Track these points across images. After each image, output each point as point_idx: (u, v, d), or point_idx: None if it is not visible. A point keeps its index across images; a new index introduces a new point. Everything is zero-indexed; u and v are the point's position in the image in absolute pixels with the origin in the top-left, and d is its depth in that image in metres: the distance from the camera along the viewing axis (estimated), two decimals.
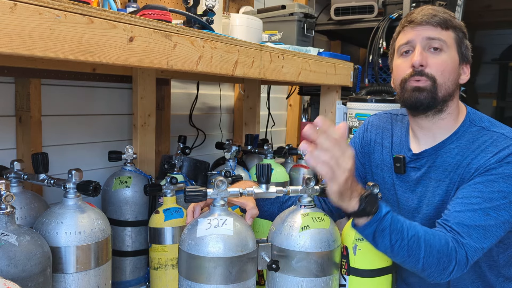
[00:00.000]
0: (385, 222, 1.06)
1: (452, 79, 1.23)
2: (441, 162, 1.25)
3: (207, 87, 2.51)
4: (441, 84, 1.21)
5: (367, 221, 1.06)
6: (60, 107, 1.73)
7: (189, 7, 1.38)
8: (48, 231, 1.10)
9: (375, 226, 1.06)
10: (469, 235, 1.11)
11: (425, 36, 1.22)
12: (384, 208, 1.07)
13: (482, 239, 1.11)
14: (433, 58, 1.22)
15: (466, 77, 1.27)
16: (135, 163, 1.64)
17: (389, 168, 1.36)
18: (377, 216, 1.06)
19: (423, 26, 1.22)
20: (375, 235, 1.07)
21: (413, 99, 1.23)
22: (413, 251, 1.07)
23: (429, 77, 1.21)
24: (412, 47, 1.24)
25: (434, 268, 1.08)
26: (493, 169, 1.15)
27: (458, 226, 1.12)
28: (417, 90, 1.22)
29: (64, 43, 0.84)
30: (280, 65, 1.55)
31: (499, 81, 5.68)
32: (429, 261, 1.08)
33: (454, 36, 1.23)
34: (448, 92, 1.22)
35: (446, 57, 1.22)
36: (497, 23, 5.33)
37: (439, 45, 1.21)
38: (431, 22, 1.21)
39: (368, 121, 1.49)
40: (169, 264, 1.45)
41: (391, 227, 1.06)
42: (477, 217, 1.12)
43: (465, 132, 1.25)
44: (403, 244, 1.07)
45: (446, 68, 1.21)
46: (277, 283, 1.14)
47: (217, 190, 1.09)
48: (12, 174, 1.26)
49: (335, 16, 2.81)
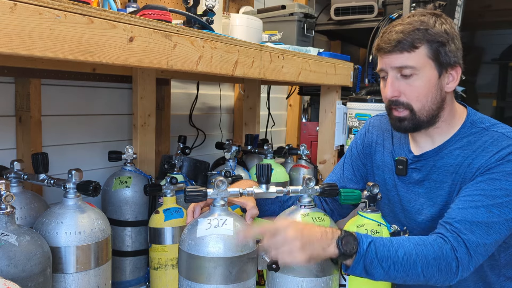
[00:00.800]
0: (370, 254, 1.05)
1: (432, 99, 1.21)
2: (442, 164, 1.25)
3: (207, 87, 2.51)
4: (420, 109, 1.21)
5: (353, 261, 1.05)
6: (60, 107, 1.73)
7: (189, 7, 1.38)
8: (48, 231, 1.10)
9: (362, 262, 1.05)
10: (471, 231, 1.10)
11: (393, 66, 1.20)
12: (365, 241, 1.06)
13: (485, 235, 1.10)
14: (405, 86, 1.21)
15: (455, 82, 1.24)
16: (135, 163, 1.64)
17: (390, 169, 1.36)
18: (360, 253, 1.05)
19: (390, 55, 1.20)
20: (366, 270, 1.06)
21: (397, 128, 1.27)
22: (410, 269, 1.07)
23: (405, 106, 1.22)
24: (386, 73, 1.24)
25: (437, 276, 1.08)
26: (494, 167, 1.15)
27: (460, 223, 1.11)
28: (398, 120, 1.24)
29: (64, 43, 0.84)
30: (280, 65, 1.55)
31: (499, 81, 5.68)
32: (429, 272, 1.08)
33: (427, 52, 1.18)
34: (431, 112, 1.22)
35: (419, 81, 1.19)
36: (497, 23, 5.32)
37: (409, 71, 1.19)
38: (395, 51, 1.19)
39: (369, 122, 1.50)
40: (169, 264, 1.45)
41: (378, 256, 1.06)
42: (479, 214, 1.11)
43: (465, 133, 1.25)
44: (397, 267, 1.06)
45: (420, 93, 1.20)
46: (277, 283, 1.14)
47: (217, 190, 1.09)
48: (12, 174, 1.26)
49: (335, 16, 2.81)
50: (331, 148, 2.18)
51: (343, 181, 1.45)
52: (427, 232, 1.27)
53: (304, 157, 2.10)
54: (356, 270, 1.07)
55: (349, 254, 1.05)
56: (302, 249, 1.01)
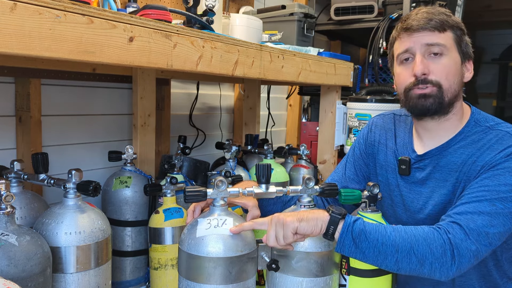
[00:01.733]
0: (359, 225, 1.06)
1: (457, 81, 1.22)
2: (446, 162, 1.25)
3: (207, 87, 2.51)
4: (447, 89, 1.21)
5: (341, 230, 1.05)
6: (60, 107, 1.73)
7: (189, 7, 1.38)
8: (48, 231, 1.10)
9: (350, 232, 1.05)
10: (472, 220, 1.07)
11: (424, 42, 1.20)
12: (354, 216, 1.08)
13: (487, 225, 1.07)
14: (435, 64, 1.20)
15: (470, 74, 1.27)
16: (135, 163, 1.64)
17: (393, 169, 1.36)
18: (348, 220, 1.06)
19: (420, 32, 1.21)
20: (355, 242, 1.05)
21: (420, 106, 1.22)
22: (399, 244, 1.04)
23: (434, 84, 1.20)
24: (412, 54, 1.23)
25: (430, 257, 1.04)
26: (498, 164, 1.15)
27: (460, 214, 1.09)
28: (423, 97, 1.21)
29: (64, 43, 0.84)
30: (280, 65, 1.55)
31: (499, 81, 5.68)
32: (420, 250, 1.04)
33: (453, 36, 1.22)
34: (454, 95, 1.22)
35: (448, 60, 1.20)
36: (497, 23, 5.32)
37: (439, 49, 1.20)
38: (428, 28, 1.20)
39: (371, 122, 1.49)
40: (169, 264, 1.45)
41: (366, 228, 1.06)
42: (482, 206, 1.09)
43: (470, 132, 1.25)
44: (385, 240, 1.05)
45: (450, 72, 1.21)
46: (277, 283, 1.14)
47: (217, 190, 1.09)
48: (12, 174, 1.26)
49: (335, 16, 2.81)
50: (331, 148, 2.18)
51: (345, 181, 1.45)
52: None
53: (304, 157, 2.10)
54: (345, 241, 1.05)
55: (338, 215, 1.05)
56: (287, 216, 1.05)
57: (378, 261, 1.06)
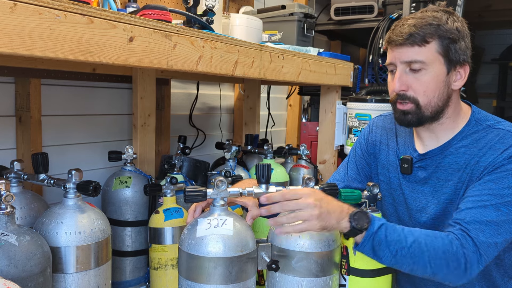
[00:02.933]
0: (380, 235, 1.09)
1: (438, 95, 1.22)
2: (448, 162, 1.25)
3: (207, 87, 2.51)
4: (426, 104, 1.22)
5: (363, 238, 1.09)
6: (60, 107, 1.73)
7: (189, 7, 1.38)
8: (48, 231, 1.10)
9: (371, 241, 1.09)
10: (481, 230, 1.11)
11: (403, 60, 1.21)
12: (377, 222, 1.10)
13: (495, 235, 1.11)
14: (413, 80, 1.21)
15: (462, 80, 1.24)
16: (135, 163, 1.64)
17: (395, 168, 1.37)
18: (370, 231, 1.09)
19: (400, 48, 1.21)
20: (374, 250, 1.09)
21: (400, 121, 1.28)
22: (417, 257, 1.08)
23: (412, 100, 1.22)
24: (395, 67, 1.24)
25: (445, 270, 1.09)
26: (502, 166, 1.15)
27: (470, 223, 1.12)
28: (403, 113, 1.25)
29: (64, 43, 0.84)
30: (280, 65, 1.55)
31: (499, 81, 5.68)
32: (437, 264, 1.08)
33: (437, 48, 1.19)
34: (436, 108, 1.23)
35: (427, 76, 1.20)
36: (497, 23, 5.32)
37: (418, 66, 1.19)
38: (407, 44, 1.19)
39: (372, 122, 1.50)
40: (169, 264, 1.45)
41: (387, 239, 1.09)
42: (488, 213, 1.12)
43: (470, 131, 1.25)
44: (404, 252, 1.08)
45: (428, 88, 1.21)
46: (277, 283, 1.14)
47: (217, 190, 1.09)
48: (12, 174, 1.26)
49: (335, 16, 2.81)
50: (331, 148, 2.18)
51: (348, 181, 1.46)
52: None
53: (304, 157, 2.10)
54: (364, 248, 1.10)
55: (359, 230, 1.08)
56: (319, 218, 1.05)
57: (393, 266, 1.12)
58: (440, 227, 1.25)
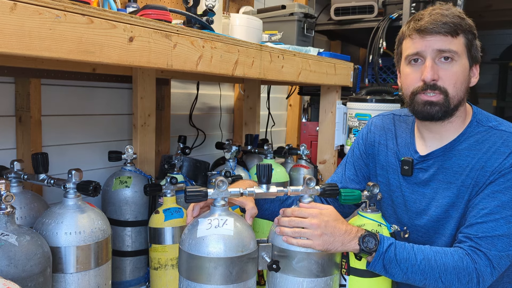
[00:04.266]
0: (390, 254, 1.12)
1: (464, 88, 1.21)
2: (451, 164, 1.24)
3: (207, 87, 2.51)
4: (454, 96, 1.20)
5: (373, 258, 1.13)
6: (60, 107, 1.73)
7: (189, 7, 1.38)
8: (48, 231, 1.10)
9: (381, 261, 1.12)
10: (493, 245, 1.12)
11: (436, 48, 1.18)
12: (386, 242, 1.13)
13: (507, 247, 1.13)
14: (444, 70, 1.19)
15: (476, 79, 1.25)
16: (135, 163, 1.64)
17: (394, 169, 1.35)
18: (380, 251, 1.12)
19: (433, 36, 1.18)
20: (385, 268, 1.13)
21: (425, 113, 1.22)
22: (427, 273, 1.11)
23: (442, 91, 1.19)
24: (422, 57, 1.20)
25: (457, 284, 1.11)
26: (508, 173, 1.15)
27: (481, 239, 1.13)
28: (429, 104, 1.20)
29: (64, 43, 0.84)
30: (280, 65, 1.55)
31: (499, 81, 5.67)
32: (448, 279, 1.11)
33: (464, 41, 1.19)
34: (459, 101, 1.22)
35: (457, 67, 1.19)
36: (497, 23, 5.32)
37: (450, 56, 1.18)
38: (441, 32, 1.17)
39: (371, 122, 1.48)
40: (169, 264, 1.45)
41: (397, 257, 1.12)
42: (499, 227, 1.13)
43: (472, 132, 1.24)
44: (415, 269, 1.11)
45: (458, 79, 1.19)
46: (278, 283, 1.14)
47: (218, 190, 1.09)
48: (12, 174, 1.26)
49: (335, 16, 2.81)
50: (331, 148, 2.18)
51: (345, 182, 1.45)
52: (429, 233, 1.26)
53: (304, 157, 2.10)
54: (376, 267, 1.13)
55: (368, 252, 1.11)
56: (320, 238, 1.09)
57: (406, 282, 1.15)
58: (440, 230, 1.24)
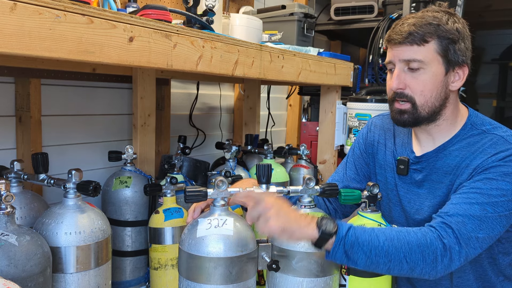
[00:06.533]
0: (351, 237, 1.05)
1: (436, 95, 1.22)
2: (441, 165, 1.25)
3: (207, 87, 2.51)
4: (422, 104, 1.22)
5: (333, 244, 1.04)
6: (60, 107, 1.73)
7: (189, 7, 1.38)
8: (48, 231, 1.10)
9: (342, 246, 1.04)
10: (463, 224, 1.09)
11: (401, 58, 1.21)
12: (345, 226, 1.07)
13: (477, 229, 1.09)
14: (411, 79, 1.21)
15: (461, 81, 1.24)
16: (135, 163, 1.64)
17: (391, 168, 1.37)
18: (339, 235, 1.05)
19: (399, 46, 1.21)
20: (347, 254, 1.05)
21: (396, 121, 1.28)
22: (391, 254, 1.05)
23: (409, 99, 1.22)
24: (394, 66, 1.24)
25: (421, 264, 1.06)
26: (491, 167, 1.15)
27: (452, 216, 1.10)
28: (399, 112, 1.25)
29: (64, 43, 0.84)
30: (280, 65, 1.55)
31: (499, 81, 5.68)
32: (413, 259, 1.05)
33: (436, 48, 1.19)
34: (433, 108, 1.23)
35: (425, 76, 1.20)
36: (497, 23, 5.32)
37: (417, 65, 1.20)
38: (406, 42, 1.19)
39: (371, 122, 1.50)
40: (169, 264, 1.45)
41: (359, 240, 1.05)
42: (472, 209, 1.11)
43: (465, 135, 1.25)
44: (378, 251, 1.05)
45: (425, 88, 1.21)
46: (277, 283, 1.14)
47: (217, 190, 1.09)
48: (12, 174, 1.26)
49: (335, 16, 2.81)
50: (331, 148, 2.18)
51: (346, 181, 1.46)
52: None
53: (304, 157, 2.10)
54: (336, 254, 1.05)
55: (329, 234, 1.04)
56: (276, 216, 1.02)
57: (370, 268, 1.08)
58: None
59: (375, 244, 1.05)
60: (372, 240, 1.06)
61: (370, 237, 1.06)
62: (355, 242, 1.05)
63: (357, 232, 1.06)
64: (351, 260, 1.06)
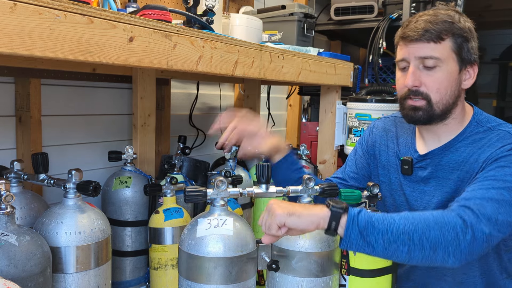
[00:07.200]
0: (364, 216, 0.99)
1: (451, 93, 1.22)
2: (447, 161, 1.26)
3: (207, 87, 2.51)
4: (437, 102, 1.22)
5: (346, 224, 0.98)
6: (60, 107, 1.73)
7: (189, 7, 1.38)
8: (48, 231, 1.10)
9: (356, 224, 0.98)
10: (482, 206, 1.04)
11: (417, 55, 1.20)
12: (356, 208, 1.02)
13: (496, 212, 1.04)
14: (427, 76, 1.21)
15: (471, 80, 1.26)
16: (135, 163, 1.64)
17: (395, 169, 1.37)
18: (351, 214, 0.99)
19: (415, 43, 1.20)
20: (363, 235, 0.98)
21: (410, 118, 1.26)
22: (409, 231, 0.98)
23: (424, 96, 1.22)
24: (408, 63, 1.24)
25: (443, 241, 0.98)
26: (502, 157, 1.14)
27: (469, 200, 1.06)
28: (413, 109, 1.24)
29: (64, 43, 0.84)
30: (280, 65, 1.55)
31: (499, 81, 5.68)
32: (432, 235, 0.98)
33: (451, 45, 1.20)
34: (447, 106, 1.23)
35: (441, 73, 1.20)
36: (497, 23, 5.32)
37: (433, 63, 1.20)
38: (422, 40, 1.19)
39: (373, 125, 1.52)
40: (169, 264, 1.45)
41: (373, 219, 0.99)
42: (489, 194, 1.07)
43: (471, 132, 1.26)
44: (395, 228, 0.98)
45: (441, 85, 1.21)
46: (277, 283, 1.14)
47: (217, 190, 1.09)
48: (12, 174, 1.26)
49: (335, 16, 2.80)
50: (331, 148, 2.18)
51: (347, 177, 1.49)
52: None
53: (304, 157, 2.10)
54: (351, 235, 0.98)
55: (340, 208, 0.99)
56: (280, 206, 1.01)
57: (389, 252, 1.00)
58: None
59: (390, 222, 0.99)
60: (386, 219, 1.00)
61: (384, 216, 1.01)
62: (369, 221, 0.99)
63: (369, 213, 1.01)
64: (368, 242, 0.98)
